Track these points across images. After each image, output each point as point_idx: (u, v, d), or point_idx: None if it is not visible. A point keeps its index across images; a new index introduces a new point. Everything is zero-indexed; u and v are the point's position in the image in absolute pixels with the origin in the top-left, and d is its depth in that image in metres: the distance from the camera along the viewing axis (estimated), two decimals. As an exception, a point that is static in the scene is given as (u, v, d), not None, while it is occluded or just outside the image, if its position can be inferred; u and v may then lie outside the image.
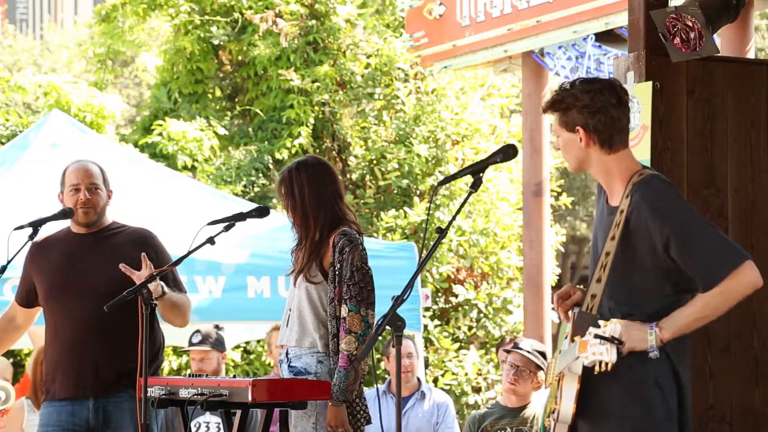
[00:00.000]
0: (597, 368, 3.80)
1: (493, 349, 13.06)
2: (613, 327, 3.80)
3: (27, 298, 5.77)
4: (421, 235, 12.60)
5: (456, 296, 13.19)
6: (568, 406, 4.06)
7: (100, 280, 5.53)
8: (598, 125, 4.12)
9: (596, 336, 3.79)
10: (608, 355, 3.76)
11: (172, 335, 10.71)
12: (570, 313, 4.20)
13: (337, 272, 5.17)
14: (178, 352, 13.09)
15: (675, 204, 4.05)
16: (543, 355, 7.16)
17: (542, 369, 7.08)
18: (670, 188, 4.12)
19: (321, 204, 5.26)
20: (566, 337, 4.26)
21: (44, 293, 5.66)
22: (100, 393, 5.53)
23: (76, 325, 5.53)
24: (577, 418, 4.08)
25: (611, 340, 3.76)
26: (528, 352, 7.07)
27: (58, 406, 5.59)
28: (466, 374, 12.79)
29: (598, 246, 4.19)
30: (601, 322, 3.84)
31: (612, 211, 4.14)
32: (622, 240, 4.06)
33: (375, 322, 5.18)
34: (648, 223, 4.02)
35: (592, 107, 4.12)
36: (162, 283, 5.34)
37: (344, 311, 5.14)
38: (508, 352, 7.19)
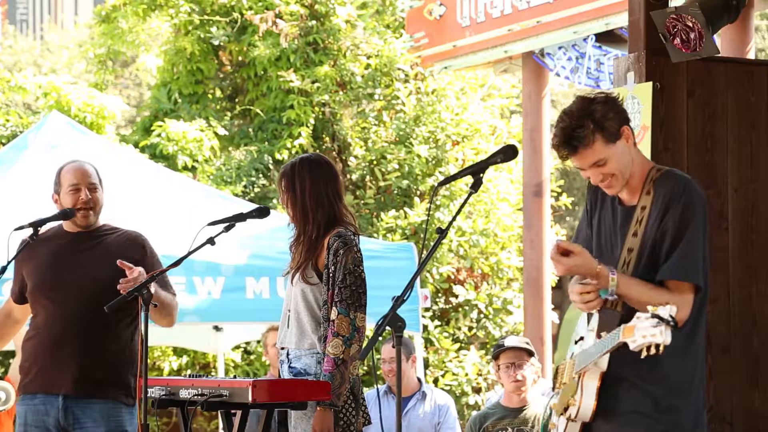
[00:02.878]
0: (645, 352, 3.71)
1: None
2: (669, 308, 3.71)
3: (20, 294, 5.78)
4: (421, 235, 12.60)
5: (456, 297, 13.19)
6: (588, 402, 4.04)
7: (87, 280, 5.53)
8: (627, 117, 4.14)
9: (653, 316, 3.69)
10: (662, 337, 3.65)
11: (172, 335, 10.73)
12: (592, 312, 4.19)
13: (330, 274, 5.16)
14: (177, 352, 13.09)
15: (692, 202, 4.05)
16: (527, 343, 7.19)
17: (534, 355, 7.08)
18: (693, 187, 4.12)
19: (320, 202, 5.26)
20: (579, 340, 4.23)
21: (31, 288, 5.67)
22: (71, 392, 5.51)
23: (57, 323, 5.53)
24: (595, 418, 4.07)
25: (668, 321, 3.67)
26: (515, 345, 7.08)
27: (31, 405, 5.58)
28: (467, 375, 12.79)
29: (612, 245, 4.17)
30: (650, 308, 3.75)
31: (631, 209, 4.13)
32: (645, 235, 4.06)
33: (366, 325, 5.18)
34: (666, 211, 4.04)
35: (616, 110, 4.10)
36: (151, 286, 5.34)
37: (334, 314, 5.12)
38: (497, 357, 7.17)
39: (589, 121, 4.04)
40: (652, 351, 3.69)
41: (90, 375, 5.50)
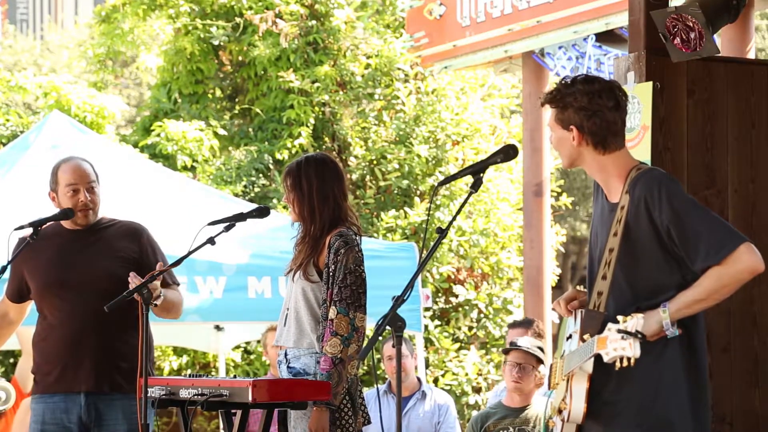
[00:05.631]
0: (618, 364, 3.79)
1: (494, 350, 13.08)
2: (635, 321, 3.78)
3: (19, 293, 5.77)
4: (422, 235, 12.60)
5: (456, 296, 13.19)
6: (579, 405, 4.06)
7: (96, 275, 5.54)
8: (593, 128, 4.14)
9: (619, 331, 3.78)
10: (631, 350, 3.75)
11: (173, 335, 10.73)
12: (576, 312, 4.20)
13: (331, 273, 5.17)
14: (178, 352, 13.09)
15: (674, 192, 4.07)
16: (541, 349, 7.17)
17: (543, 363, 7.09)
18: (668, 178, 4.14)
19: (326, 201, 5.27)
20: (568, 337, 4.25)
21: (38, 289, 5.66)
22: (94, 389, 5.53)
23: (74, 321, 5.53)
24: (586, 418, 4.08)
25: (635, 334, 3.75)
26: (527, 348, 7.09)
27: (50, 403, 5.59)
28: (467, 374, 12.79)
29: (599, 243, 4.19)
30: (620, 318, 3.83)
31: (612, 207, 4.15)
32: (625, 235, 4.07)
33: (366, 325, 5.19)
34: (651, 213, 4.04)
35: (588, 110, 4.13)
36: (159, 287, 5.34)
37: (332, 313, 5.12)
38: (507, 352, 7.20)
39: (562, 95, 4.15)
40: (624, 363, 3.76)
41: (111, 370, 5.52)
